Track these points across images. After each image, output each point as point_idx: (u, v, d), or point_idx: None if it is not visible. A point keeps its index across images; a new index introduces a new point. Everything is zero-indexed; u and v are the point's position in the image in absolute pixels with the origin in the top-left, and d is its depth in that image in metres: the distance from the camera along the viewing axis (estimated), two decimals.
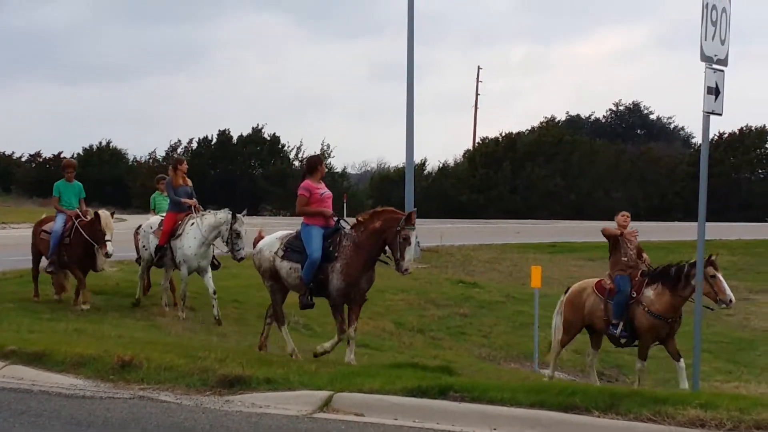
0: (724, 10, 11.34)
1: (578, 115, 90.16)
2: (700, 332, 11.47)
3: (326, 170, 14.40)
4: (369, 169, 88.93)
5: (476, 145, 75.42)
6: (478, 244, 32.21)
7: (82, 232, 16.40)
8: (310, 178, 13.44)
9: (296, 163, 68.05)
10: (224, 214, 16.27)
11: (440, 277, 25.54)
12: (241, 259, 16.21)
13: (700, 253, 11.40)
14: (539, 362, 15.74)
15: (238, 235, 16.04)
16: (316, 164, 13.65)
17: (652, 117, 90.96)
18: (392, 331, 18.23)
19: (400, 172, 57.24)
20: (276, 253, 13.52)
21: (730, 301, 13.73)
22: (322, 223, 13.22)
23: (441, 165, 74.25)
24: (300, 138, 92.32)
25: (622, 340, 14.63)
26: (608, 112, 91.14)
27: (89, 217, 16.66)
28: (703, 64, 11.17)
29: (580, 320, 15.10)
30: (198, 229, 16.35)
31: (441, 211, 58.70)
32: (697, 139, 76.72)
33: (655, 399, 9.05)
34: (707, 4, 11.11)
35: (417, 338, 17.07)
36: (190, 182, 17.35)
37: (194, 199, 17.10)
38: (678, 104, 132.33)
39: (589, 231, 31.00)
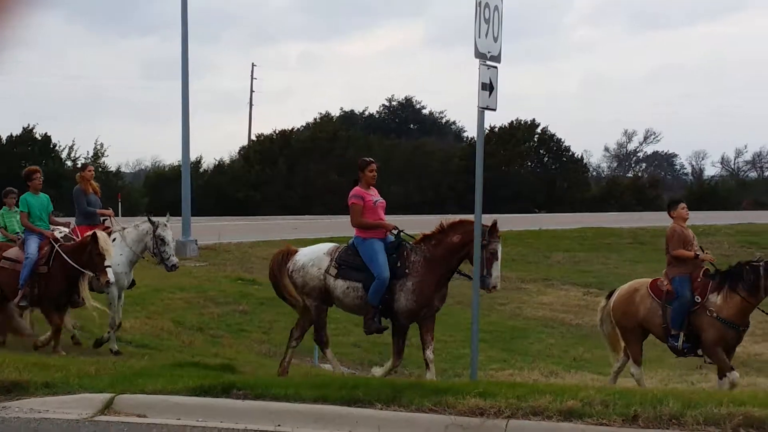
0: (496, 8, 11.62)
1: (352, 111, 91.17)
2: (478, 322, 11.74)
3: (374, 174, 12.56)
4: (143, 167, 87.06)
5: (251, 142, 75.18)
6: (255, 241, 32.01)
7: (67, 259, 13.45)
8: (361, 184, 12.32)
9: (69, 163, 65.56)
10: (147, 225, 14.38)
11: (218, 275, 25.24)
12: (174, 266, 14.43)
13: (478, 243, 11.64)
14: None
15: (164, 241, 14.24)
16: (363, 168, 12.42)
17: (425, 112, 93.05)
18: (171, 330, 17.85)
19: (175, 170, 56.18)
20: (327, 271, 12.34)
21: None
22: (380, 236, 12.20)
23: (217, 162, 73.60)
24: (72, 137, 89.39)
25: (685, 350, 12.97)
26: (381, 108, 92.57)
27: (63, 236, 14.19)
28: (477, 60, 11.41)
29: (637, 326, 13.37)
30: (123, 244, 14.42)
31: (218, 209, 58.11)
32: (469, 133, 79.37)
33: (436, 390, 9.19)
34: (480, 2, 11.36)
35: (197, 337, 16.80)
36: (98, 189, 15.54)
37: (110, 209, 15.50)
38: (449, 100, 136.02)
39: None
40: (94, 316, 14.32)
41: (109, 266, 13.18)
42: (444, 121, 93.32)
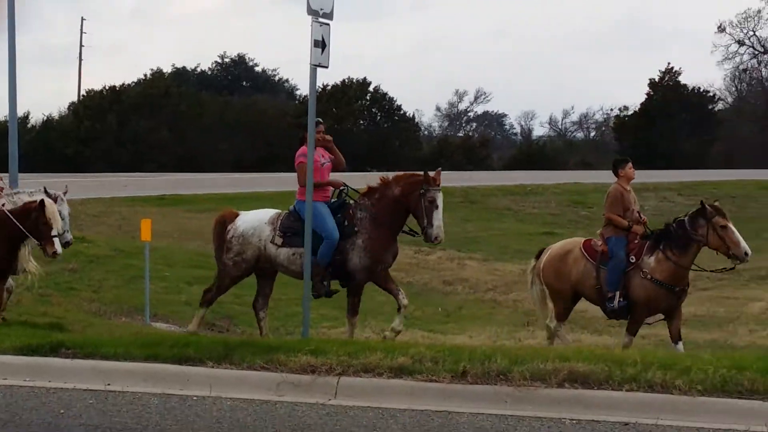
0: None
1: (184, 68, 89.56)
2: (309, 282, 11.80)
3: (321, 136, 12.13)
4: None
5: (81, 97, 73.10)
6: (85, 198, 31.22)
7: (15, 222, 11.69)
8: (307, 145, 11.93)
9: None
10: (41, 196, 12.33)
11: None
12: (67, 243, 12.85)
13: (309, 204, 11.66)
14: (151, 315, 15.51)
15: (60, 215, 12.16)
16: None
17: (257, 69, 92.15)
18: None
19: (1, 126, 54.17)
20: (272, 240, 12.06)
21: (746, 254, 11.70)
22: (323, 198, 11.91)
23: (46, 118, 71.22)
24: None
25: (620, 311, 12.33)
26: (214, 65, 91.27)
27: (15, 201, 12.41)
28: (310, 17, 11.38)
29: (569, 288, 12.73)
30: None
31: (47, 165, 56.35)
32: (302, 91, 78.89)
33: (268, 348, 9.23)
34: None
35: (24, 295, 16.22)
36: None
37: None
38: (283, 57, 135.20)
39: (200, 183, 31.01)
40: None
41: (56, 236, 11.80)
42: (277, 78, 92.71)
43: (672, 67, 69.87)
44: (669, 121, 66.72)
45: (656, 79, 69.90)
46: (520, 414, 7.73)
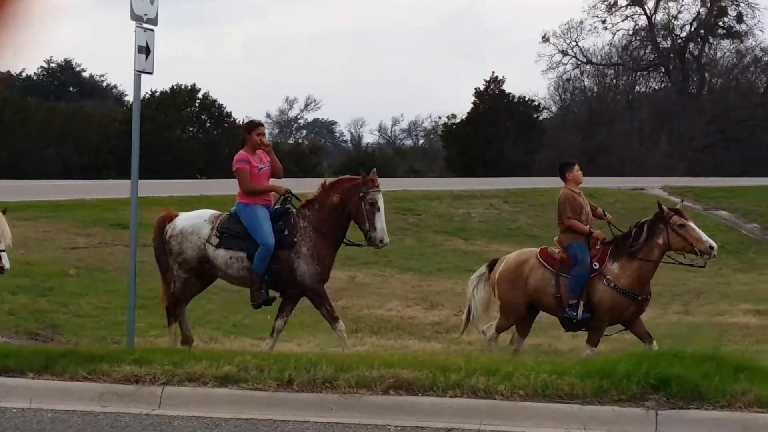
0: None
1: (9, 73, 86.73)
2: (134, 286, 11.56)
3: (261, 138, 11.63)
4: None
5: None
6: None
7: None
8: (246, 148, 11.39)
9: None
10: None
11: None
12: None
13: (134, 211, 11.49)
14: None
15: None
16: (250, 130, 11.61)
17: (85, 75, 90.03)
18: None
19: None
20: (209, 240, 11.35)
21: (711, 248, 11.30)
22: (264, 203, 11.29)
23: None
24: None
25: (582, 321, 11.65)
26: (40, 70, 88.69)
27: None
28: (134, 23, 11.21)
29: (523, 300, 12.06)
30: None
31: None
32: (130, 97, 77.33)
33: (90, 357, 9.07)
34: None
35: None
36: None
37: None
38: (110, 63, 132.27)
39: (24, 190, 30.01)
40: None
41: (4, 250, 11.31)
42: (105, 84, 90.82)
43: (497, 76, 71.49)
44: (495, 129, 68.27)
45: (482, 88, 71.39)
46: (346, 421, 7.82)
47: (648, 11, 78.21)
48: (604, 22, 77.77)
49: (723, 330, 15.01)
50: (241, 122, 73.79)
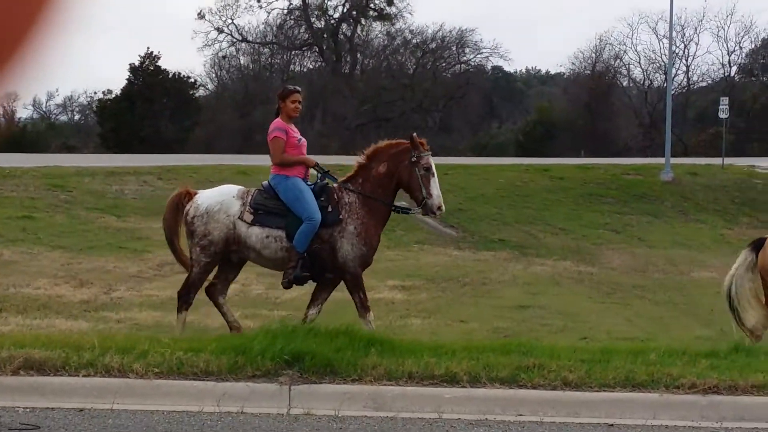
0: None
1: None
2: None
3: (296, 106, 10.57)
4: None
5: None
6: None
7: None
8: (282, 117, 10.33)
9: None
10: None
11: None
12: None
13: None
14: None
15: None
16: (285, 97, 10.47)
17: None
18: None
19: None
20: (241, 217, 10.06)
21: None
22: (302, 176, 10.19)
23: None
24: None
25: None
26: None
27: None
28: None
29: None
30: None
31: None
32: None
33: None
34: None
35: None
36: None
37: None
38: None
39: None
40: None
41: None
42: None
43: (152, 52, 70.26)
44: (151, 105, 67.30)
45: (136, 64, 70.00)
46: None
47: None
48: (259, 0, 78.31)
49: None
50: None
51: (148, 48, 71.00)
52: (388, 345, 8.51)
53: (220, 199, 10.31)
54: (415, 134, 10.33)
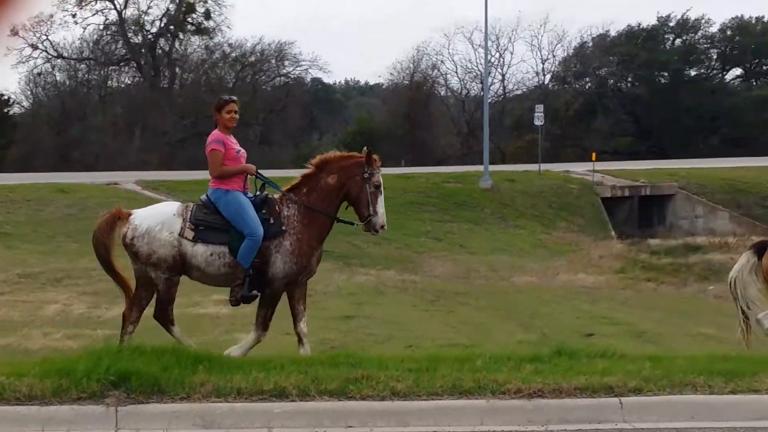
0: None
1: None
2: None
3: (232, 116, 10.19)
4: None
5: None
6: None
7: None
8: (219, 128, 10.03)
9: None
10: None
11: None
12: None
13: None
14: None
15: None
16: (220, 108, 10.10)
17: None
18: None
19: None
20: (182, 234, 9.67)
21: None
22: (241, 189, 9.85)
23: None
24: None
25: None
26: None
27: None
28: None
29: None
30: None
31: None
32: None
33: None
34: None
35: None
36: None
37: None
38: None
39: None
40: None
41: None
42: None
43: None
44: None
45: None
46: None
47: (118, 6, 77.99)
48: (74, 16, 76.48)
49: (196, 321, 15.33)
50: None
51: None
52: (216, 361, 8.44)
53: (160, 219, 9.92)
54: (369, 149, 10.16)
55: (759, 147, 64.07)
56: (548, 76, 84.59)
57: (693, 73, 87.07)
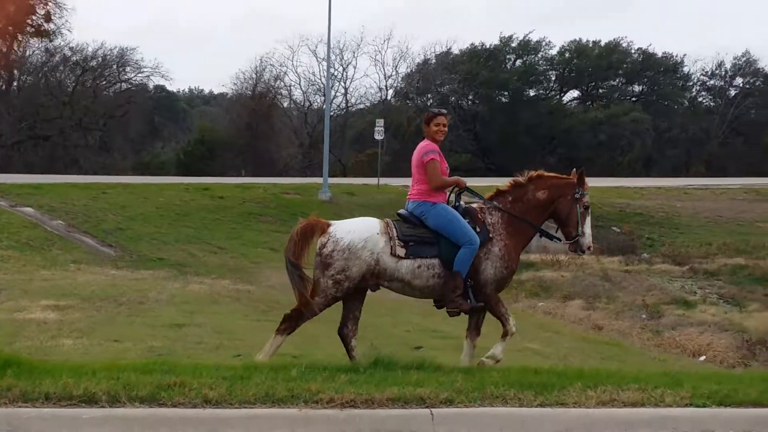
0: None
1: None
2: None
3: (439, 129, 10.20)
4: None
5: None
6: None
7: None
8: (429, 140, 10.16)
9: None
10: None
11: None
12: None
13: None
14: None
15: None
16: (429, 121, 10.19)
17: None
18: None
19: None
20: (392, 252, 9.68)
21: None
22: (446, 200, 10.09)
23: None
24: None
25: None
26: None
27: None
28: None
29: None
30: None
31: None
32: None
33: None
34: None
35: None
36: None
37: None
38: None
39: None
40: None
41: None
42: None
43: None
44: None
45: None
46: None
47: None
48: None
49: (21, 326, 14.91)
50: None
51: None
52: (25, 366, 8.26)
53: (365, 236, 9.83)
54: (582, 170, 10.49)
55: (594, 168, 66.19)
56: (391, 92, 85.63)
57: (532, 93, 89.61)
